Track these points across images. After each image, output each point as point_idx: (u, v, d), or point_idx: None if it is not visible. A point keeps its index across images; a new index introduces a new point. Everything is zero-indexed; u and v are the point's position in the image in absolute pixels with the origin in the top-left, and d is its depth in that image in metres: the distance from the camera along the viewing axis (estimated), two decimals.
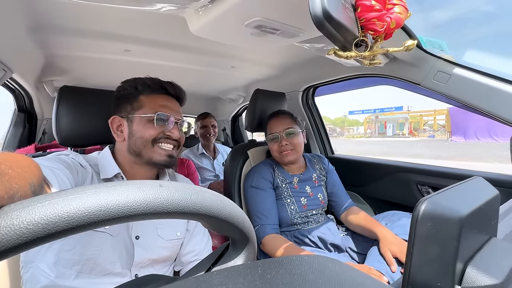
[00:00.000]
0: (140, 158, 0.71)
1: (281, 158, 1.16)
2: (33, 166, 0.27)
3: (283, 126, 1.15)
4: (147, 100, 0.73)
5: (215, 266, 0.34)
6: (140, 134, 0.71)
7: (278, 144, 1.15)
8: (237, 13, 0.75)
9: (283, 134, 1.14)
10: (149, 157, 0.71)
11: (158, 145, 0.72)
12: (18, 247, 0.18)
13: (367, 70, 1.30)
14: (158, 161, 0.71)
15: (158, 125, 0.71)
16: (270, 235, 1.01)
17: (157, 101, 0.73)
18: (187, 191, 0.25)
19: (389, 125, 29.63)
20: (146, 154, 0.71)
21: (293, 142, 1.14)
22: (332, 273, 0.23)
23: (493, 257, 0.32)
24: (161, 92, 0.75)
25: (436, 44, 1.01)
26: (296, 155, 1.16)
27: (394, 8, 0.53)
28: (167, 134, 0.72)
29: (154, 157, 0.71)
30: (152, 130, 0.71)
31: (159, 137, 0.72)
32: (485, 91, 0.92)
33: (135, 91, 0.74)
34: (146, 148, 0.71)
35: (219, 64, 1.57)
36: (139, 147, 0.71)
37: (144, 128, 0.71)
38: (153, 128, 0.71)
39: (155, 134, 0.71)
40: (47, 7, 0.89)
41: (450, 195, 0.32)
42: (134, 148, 0.71)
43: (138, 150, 0.71)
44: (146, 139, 0.70)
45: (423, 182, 1.29)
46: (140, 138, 0.71)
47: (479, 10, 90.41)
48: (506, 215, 0.57)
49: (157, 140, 0.72)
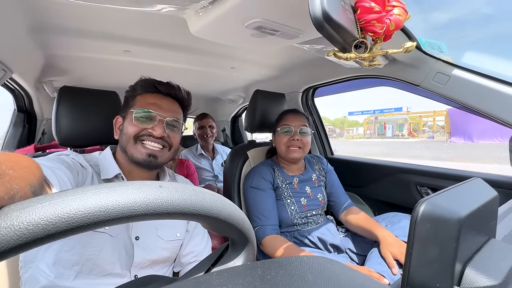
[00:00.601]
0: (126, 155, 0.71)
1: (287, 153, 1.15)
2: (34, 166, 0.27)
3: (299, 122, 1.16)
4: (139, 98, 0.74)
5: (215, 267, 0.34)
6: (126, 130, 0.72)
7: (289, 138, 1.14)
8: (237, 14, 0.75)
9: (297, 129, 1.14)
10: (131, 153, 0.70)
11: (141, 142, 0.71)
12: (18, 248, 0.18)
13: (366, 71, 1.31)
14: (137, 159, 0.70)
15: (139, 122, 0.70)
16: (270, 236, 1.01)
17: (147, 99, 0.73)
18: (187, 191, 0.25)
19: (389, 126, 29.67)
20: (129, 150, 0.71)
21: (304, 140, 1.14)
22: (332, 274, 0.23)
23: (492, 258, 0.32)
24: (153, 90, 0.75)
25: (435, 45, 1.02)
26: (302, 154, 1.16)
27: (393, 10, 0.53)
28: (149, 132, 0.71)
29: (134, 154, 0.70)
30: (134, 127, 0.70)
31: (142, 133, 0.71)
32: (484, 92, 0.92)
33: (134, 91, 0.76)
34: (129, 144, 0.71)
35: (219, 64, 1.57)
36: (125, 144, 0.71)
37: (129, 124, 0.71)
38: (135, 125, 0.70)
39: (137, 131, 0.70)
40: (47, 7, 0.89)
41: (449, 196, 0.32)
42: (122, 144, 0.73)
43: (124, 147, 0.72)
44: (129, 135, 0.71)
45: (422, 183, 1.29)
46: (125, 134, 0.72)
47: (479, 12, 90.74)
48: (505, 216, 0.58)
49: (140, 137, 0.71)
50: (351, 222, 1.13)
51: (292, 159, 1.17)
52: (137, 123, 0.70)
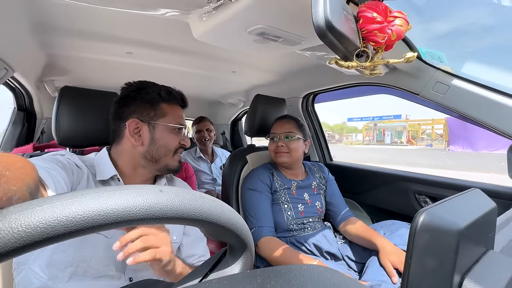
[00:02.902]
0: (157, 164, 0.74)
1: (275, 158, 1.20)
2: (29, 167, 0.26)
3: (284, 129, 1.19)
4: (169, 109, 0.76)
5: (212, 272, 0.34)
6: (165, 142, 0.74)
7: (275, 144, 1.19)
8: (240, 20, 0.76)
9: (281, 136, 1.18)
10: (166, 163, 0.74)
11: (177, 153, 0.77)
12: (16, 250, 0.18)
13: (367, 79, 1.32)
14: (173, 167, 0.76)
15: (180, 135, 0.77)
16: (266, 238, 1.00)
17: (177, 112, 0.78)
18: (187, 196, 0.25)
19: (388, 133, 29.76)
20: (164, 161, 0.74)
21: (290, 146, 1.16)
22: (331, 284, 0.22)
23: (490, 269, 0.32)
24: (180, 103, 0.80)
25: (435, 55, 1.03)
26: (289, 159, 1.16)
27: (395, 20, 0.54)
28: (182, 144, 0.77)
29: (171, 164, 0.75)
30: (176, 140, 0.76)
31: (178, 146, 0.77)
32: (482, 102, 0.93)
33: (158, 97, 0.75)
34: (167, 156, 0.74)
35: (220, 68, 1.58)
36: (161, 155, 0.73)
37: (168, 137, 0.75)
38: (176, 138, 0.76)
39: (176, 144, 0.76)
40: (51, 8, 0.89)
41: (448, 207, 0.32)
42: (154, 154, 0.73)
43: (158, 157, 0.73)
44: (169, 148, 0.74)
45: (420, 191, 1.29)
46: (164, 146, 0.74)
47: (478, 23, 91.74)
48: (503, 227, 0.57)
49: (177, 150, 0.76)
50: (350, 232, 1.13)
51: (281, 164, 1.20)
52: (177, 136, 0.76)
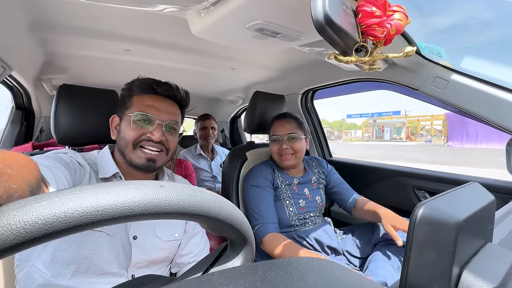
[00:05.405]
0: (125, 158, 0.70)
1: (280, 162, 1.17)
2: (31, 165, 0.26)
3: (286, 130, 1.16)
4: (137, 99, 0.72)
5: (213, 267, 0.34)
6: (123, 134, 0.70)
7: (279, 147, 1.16)
8: (239, 15, 0.76)
9: (285, 138, 1.15)
10: (129, 158, 0.69)
11: (140, 148, 0.69)
12: (15, 247, 0.18)
13: (366, 75, 1.31)
14: (136, 163, 0.69)
15: (138, 126, 0.68)
16: (272, 234, 1.01)
17: (144, 101, 0.71)
18: (186, 191, 0.25)
19: (387, 129, 29.78)
20: (127, 155, 0.70)
21: (294, 147, 1.14)
22: (332, 276, 0.23)
23: (488, 262, 0.33)
24: (151, 92, 0.72)
25: (434, 50, 1.03)
26: (295, 160, 1.16)
27: (394, 14, 0.54)
28: (148, 136, 0.69)
29: (133, 159, 0.69)
30: (132, 132, 0.68)
31: (141, 139, 0.69)
32: (482, 97, 0.93)
33: (130, 91, 0.74)
34: (127, 149, 0.69)
35: (219, 65, 1.58)
36: (123, 147, 0.70)
37: (126, 128, 0.70)
38: (133, 129, 0.68)
39: (136, 136, 0.68)
40: (48, 5, 0.89)
41: (447, 200, 0.33)
42: (119, 147, 0.72)
43: (122, 150, 0.71)
44: (127, 140, 0.69)
45: (419, 187, 1.30)
46: (123, 138, 0.70)
47: (478, 17, 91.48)
48: (501, 221, 0.58)
49: (140, 143, 0.69)
50: (360, 210, 1.17)
51: (287, 167, 1.18)
52: (136, 127, 0.68)
